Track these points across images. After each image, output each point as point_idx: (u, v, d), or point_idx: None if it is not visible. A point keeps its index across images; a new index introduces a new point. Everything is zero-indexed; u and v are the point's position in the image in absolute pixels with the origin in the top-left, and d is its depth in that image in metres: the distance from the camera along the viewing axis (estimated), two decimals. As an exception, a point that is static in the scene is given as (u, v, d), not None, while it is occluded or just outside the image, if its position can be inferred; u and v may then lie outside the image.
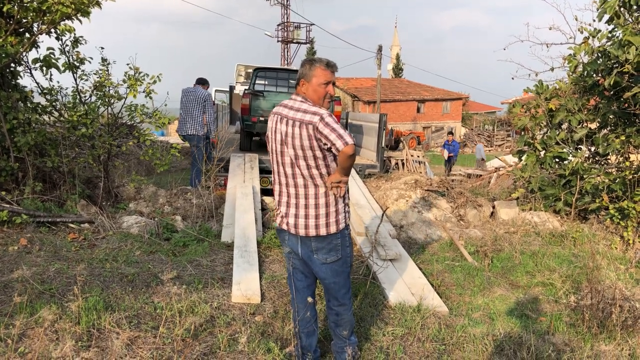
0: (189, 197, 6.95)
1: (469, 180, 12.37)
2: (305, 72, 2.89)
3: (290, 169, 2.85)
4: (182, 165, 13.35)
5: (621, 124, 6.43)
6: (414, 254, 5.64)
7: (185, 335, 3.34)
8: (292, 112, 2.81)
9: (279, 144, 2.85)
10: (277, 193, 2.99)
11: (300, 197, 2.88)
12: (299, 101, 2.86)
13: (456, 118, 46.76)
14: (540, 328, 3.91)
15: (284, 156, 2.85)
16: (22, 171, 5.97)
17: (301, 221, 2.88)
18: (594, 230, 6.22)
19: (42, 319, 3.31)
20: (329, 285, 3.03)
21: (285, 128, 2.80)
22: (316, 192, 2.86)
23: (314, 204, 2.87)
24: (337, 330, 3.15)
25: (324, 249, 2.92)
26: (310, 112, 2.76)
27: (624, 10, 6.02)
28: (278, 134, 2.85)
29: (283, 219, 2.97)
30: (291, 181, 2.87)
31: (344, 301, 3.09)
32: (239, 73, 17.33)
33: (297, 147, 2.77)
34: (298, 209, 2.89)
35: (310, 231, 2.88)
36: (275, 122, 2.89)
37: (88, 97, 6.60)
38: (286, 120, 2.81)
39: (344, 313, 3.11)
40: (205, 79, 8.69)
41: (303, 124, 2.74)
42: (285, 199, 2.94)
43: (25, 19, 5.87)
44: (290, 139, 2.78)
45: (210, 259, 4.95)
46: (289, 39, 41.85)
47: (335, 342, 3.21)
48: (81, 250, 4.90)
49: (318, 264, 2.94)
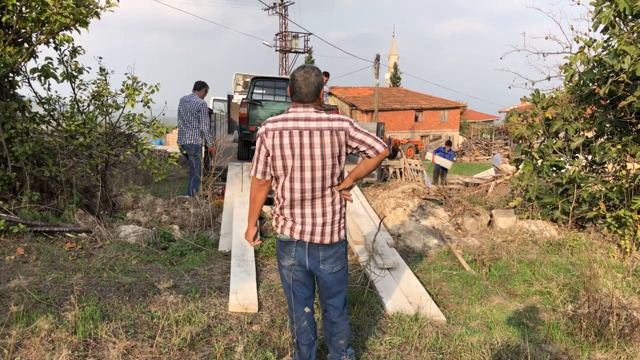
0: (187, 206, 6.95)
1: (466, 188, 12.40)
2: (322, 81, 2.86)
3: (311, 182, 2.83)
4: (180, 175, 13.33)
5: (617, 133, 6.46)
6: (411, 263, 5.63)
7: (182, 345, 3.33)
8: (314, 123, 2.79)
9: (297, 159, 2.80)
10: (287, 207, 2.92)
11: (318, 206, 2.89)
12: (314, 111, 2.84)
13: (454, 127, 46.91)
14: (538, 337, 3.90)
15: (304, 170, 2.82)
16: (19, 180, 5.97)
17: (318, 229, 2.89)
18: (591, 239, 6.22)
19: (38, 328, 3.30)
20: (332, 294, 3.04)
21: (309, 140, 2.78)
22: (333, 199, 2.91)
23: (331, 210, 2.91)
24: (334, 341, 3.13)
25: (330, 257, 2.94)
26: (336, 119, 2.80)
27: (619, 20, 6.08)
28: (297, 148, 2.79)
29: (294, 228, 2.92)
30: (309, 194, 2.86)
31: (344, 311, 3.10)
32: (237, 82, 17.36)
33: (327, 157, 2.80)
34: (315, 217, 2.89)
35: (325, 238, 2.90)
36: (288, 137, 2.80)
37: (86, 107, 6.61)
38: (309, 132, 2.78)
39: (342, 323, 3.11)
40: (202, 82, 8.45)
41: (333, 132, 2.78)
42: (299, 210, 2.90)
43: (24, 29, 5.89)
44: (318, 150, 2.78)
45: (207, 268, 4.94)
46: (287, 49, 42.03)
47: (332, 354, 3.20)
48: (78, 259, 4.89)
49: (325, 273, 2.96)
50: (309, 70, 2.84)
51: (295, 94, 2.86)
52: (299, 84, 2.82)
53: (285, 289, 3.15)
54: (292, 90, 2.88)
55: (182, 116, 8.19)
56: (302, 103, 2.86)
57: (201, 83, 8.40)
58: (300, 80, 2.82)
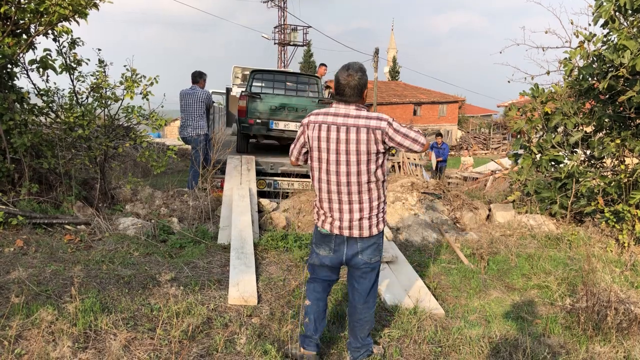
0: (186, 199, 6.95)
1: (465, 183, 12.41)
2: (366, 81, 2.98)
3: (346, 176, 2.95)
4: (179, 167, 13.33)
5: (616, 128, 6.47)
6: (410, 257, 5.65)
7: (182, 337, 3.34)
8: (352, 120, 2.91)
9: (333, 153, 2.94)
10: (326, 200, 3.06)
11: (355, 201, 3.00)
12: (354, 109, 2.95)
13: (452, 121, 46.89)
14: (536, 330, 3.92)
15: (340, 164, 2.94)
16: (18, 172, 5.96)
17: (355, 224, 3.02)
18: (589, 233, 6.24)
19: (38, 320, 3.30)
20: (361, 281, 3.19)
21: (345, 135, 2.90)
22: (370, 195, 3.01)
23: (368, 206, 3.02)
24: (357, 330, 3.26)
25: (368, 249, 3.09)
26: (374, 118, 2.91)
27: (619, 15, 6.07)
28: (333, 142, 2.93)
29: (333, 224, 3.06)
30: (345, 188, 2.98)
31: (368, 299, 3.25)
32: (236, 75, 17.30)
33: (361, 153, 2.91)
34: (352, 213, 3.01)
35: (363, 232, 3.03)
36: (326, 130, 2.94)
37: (85, 99, 6.59)
38: (346, 127, 2.90)
39: (365, 311, 3.24)
40: (198, 73, 8.29)
41: (370, 130, 2.88)
42: (337, 205, 3.03)
43: (23, 20, 5.87)
44: (353, 146, 2.90)
45: (206, 261, 4.95)
46: (286, 42, 41.92)
47: (351, 341, 3.32)
48: (77, 251, 4.89)
49: (361, 263, 3.10)
50: (352, 74, 2.93)
51: (337, 90, 2.98)
52: (342, 87, 2.95)
53: (309, 267, 3.32)
54: (335, 91, 3.00)
55: (184, 109, 8.15)
56: (343, 99, 2.98)
57: (198, 73, 8.28)
58: (343, 84, 2.94)
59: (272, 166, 8.59)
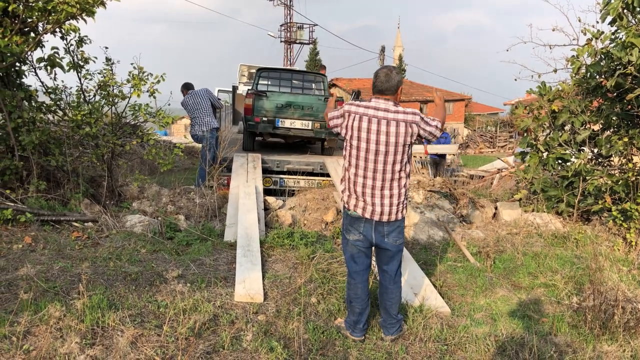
0: (192, 196, 6.97)
1: (471, 181, 12.37)
2: (401, 81, 3.33)
3: (383, 164, 3.30)
4: (185, 165, 13.38)
5: (624, 126, 6.42)
6: (416, 255, 5.65)
7: (189, 334, 3.36)
8: (392, 114, 3.27)
9: (373, 143, 3.27)
10: (360, 185, 3.37)
11: (386, 188, 3.35)
12: (393, 104, 3.30)
13: (459, 119, 46.72)
14: (543, 329, 3.91)
15: (378, 154, 3.28)
16: (26, 170, 6.00)
17: (386, 209, 3.36)
18: (596, 232, 6.21)
19: (46, 316, 3.33)
20: (388, 261, 3.53)
21: (386, 128, 3.25)
22: (399, 183, 3.38)
23: (397, 193, 3.38)
24: (390, 308, 3.60)
25: (394, 232, 3.43)
26: (410, 113, 3.29)
27: (627, 12, 6.02)
28: (373, 134, 3.26)
29: (365, 208, 3.37)
30: (380, 175, 3.32)
31: (396, 279, 3.59)
32: (242, 73, 17.32)
33: (399, 144, 3.26)
34: (383, 198, 3.35)
35: (391, 217, 3.38)
36: (367, 122, 3.27)
37: (92, 97, 6.63)
38: (386, 121, 3.25)
39: (395, 290, 3.59)
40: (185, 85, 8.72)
41: (407, 124, 3.26)
42: (369, 190, 3.36)
43: (31, 18, 5.90)
44: (393, 138, 3.25)
45: (213, 258, 4.96)
46: (292, 40, 41.87)
47: (385, 318, 3.66)
48: (85, 248, 4.92)
49: (389, 245, 3.44)
50: (391, 69, 3.35)
51: (377, 86, 3.32)
52: (381, 79, 3.30)
53: (348, 260, 3.60)
54: (374, 84, 3.33)
55: (192, 109, 8.31)
56: (383, 95, 3.32)
57: (185, 86, 8.70)
58: (382, 76, 3.31)
59: (278, 164, 8.60)
